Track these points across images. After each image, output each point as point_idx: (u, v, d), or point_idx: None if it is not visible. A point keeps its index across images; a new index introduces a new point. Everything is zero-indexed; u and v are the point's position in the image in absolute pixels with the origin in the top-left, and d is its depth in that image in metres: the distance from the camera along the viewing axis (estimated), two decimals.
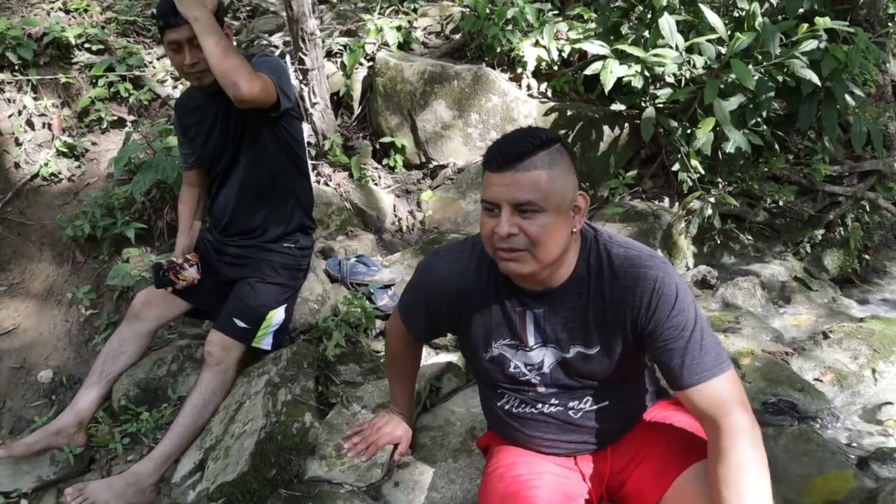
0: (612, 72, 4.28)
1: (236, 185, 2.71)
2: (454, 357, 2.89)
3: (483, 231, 1.50)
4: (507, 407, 1.77)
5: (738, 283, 3.88)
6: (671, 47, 4.19)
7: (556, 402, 1.69)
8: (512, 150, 1.42)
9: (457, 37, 5.24)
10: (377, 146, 4.57)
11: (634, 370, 1.72)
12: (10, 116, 3.92)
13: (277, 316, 2.73)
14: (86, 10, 4.42)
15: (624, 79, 4.30)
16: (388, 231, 4.10)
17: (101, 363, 2.76)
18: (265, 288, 2.68)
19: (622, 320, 1.55)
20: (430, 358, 3.00)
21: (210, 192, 2.85)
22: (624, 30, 4.70)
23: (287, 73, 2.65)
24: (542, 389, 1.69)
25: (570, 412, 1.69)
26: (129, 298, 3.49)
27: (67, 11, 4.39)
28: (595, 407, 1.69)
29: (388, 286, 3.40)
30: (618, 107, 4.64)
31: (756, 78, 3.95)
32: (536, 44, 4.65)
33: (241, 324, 2.61)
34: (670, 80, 4.46)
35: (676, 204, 4.75)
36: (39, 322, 3.46)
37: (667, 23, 4.22)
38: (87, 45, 4.20)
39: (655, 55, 4.03)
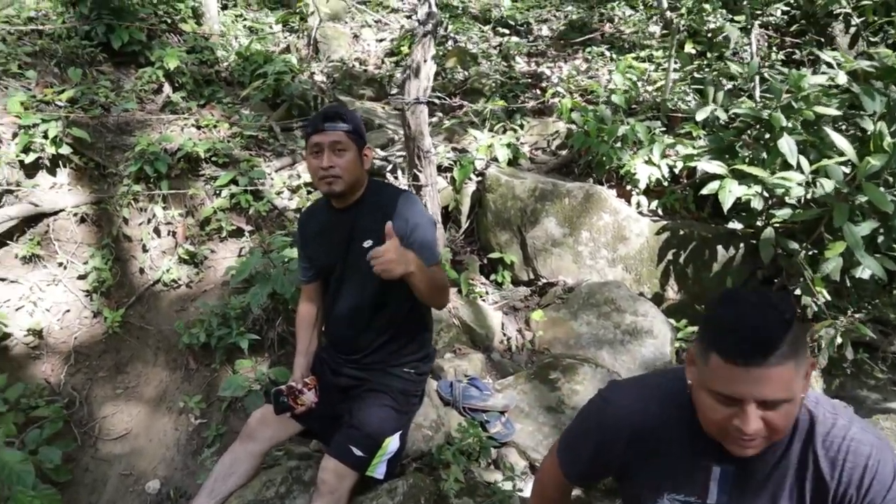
0: (730, 191, 4.16)
1: (358, 304, 2.66)
2: None
3: (715, 418, 1.34)
4: None
5: (878, 423, 3.50)
6: (792, 168, 4.06)
7: None
8: (759, 343, 1.24)
9: (563, 153, 5.26)
10: (484, 261, 4.53)
11: None
12: (140, 224, 4.12)
13: (393, 444, 2.60)
14: (215, 126, 4.70)
15: (743, 198, 4.16)
16: (497, 350, 3.98)
17: (212, 482, 2.69)
18: (383, 415, 2.58)
19: (825, 495, 1.37)
20: None
21: (328, 308, 2.81)
22: (738, 148, 4.61)
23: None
24: None
25: None
26: (238, 409, 3.49)
27: (199, 127, 4.68)
28: None
29: (501, 412, 3.25)
30: (734, 226, 4.48)
31: (892, 201, 3.73)
32: (648, 161, 4.59)
33: (357, 452, 2.50)
34: (790, 200, 4.29)
35: None
36: (150, 428, 3.47)
37: (787, 143, 4.10)
38: (213, 159, 4.41)
39: (782, 178, 3.89)
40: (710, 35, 7.51)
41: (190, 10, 6.48)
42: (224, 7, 7.74)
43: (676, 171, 4.74)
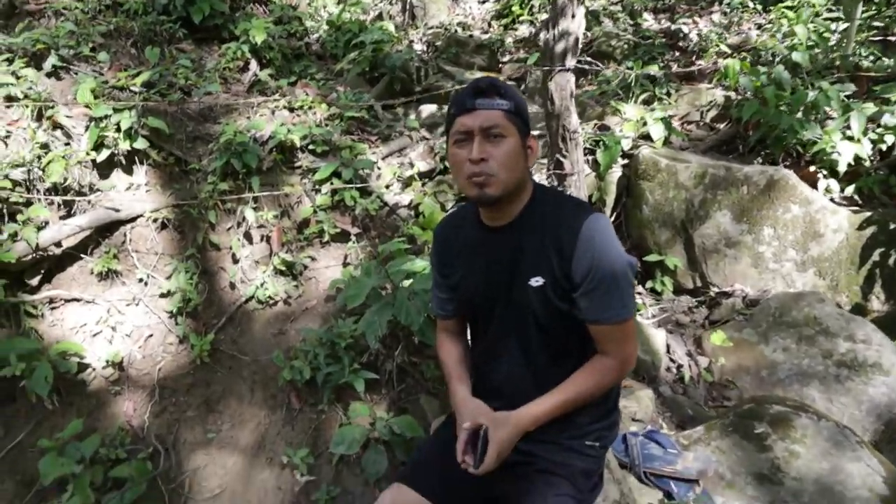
0: None
1: (526, 359, 1.89)
2: None
3: None
4: None
5: None
6: None
7: None
8: None
9: (721, 126, 4.31)
10: (638, 265, 3.68)
11: None
12: (228, 229, 3.49)
13: None
14: (310, 108, 4.00)
15: None
16: (666, 382, 3.16)
17: None
18: None
19: None
20: None
21: (481, 359, 2.05)
22: None
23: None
24: None
25: None
26: (352, 463, 2.82)
27: (291, 109, 4.00)
28: None
29: (695, 480, 2.44)
30: None
31: None
32: (850, 138, 3.60)
33: None
34: None
35: None
36: (248, 486, 2.84)
37: None
38: (310, 147, 3.72)
39: None
40: None
41: None
42: None
43: (884, 147, 3.73)
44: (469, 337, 2.13)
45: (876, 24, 5.22)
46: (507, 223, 1.80)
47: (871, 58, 4.68)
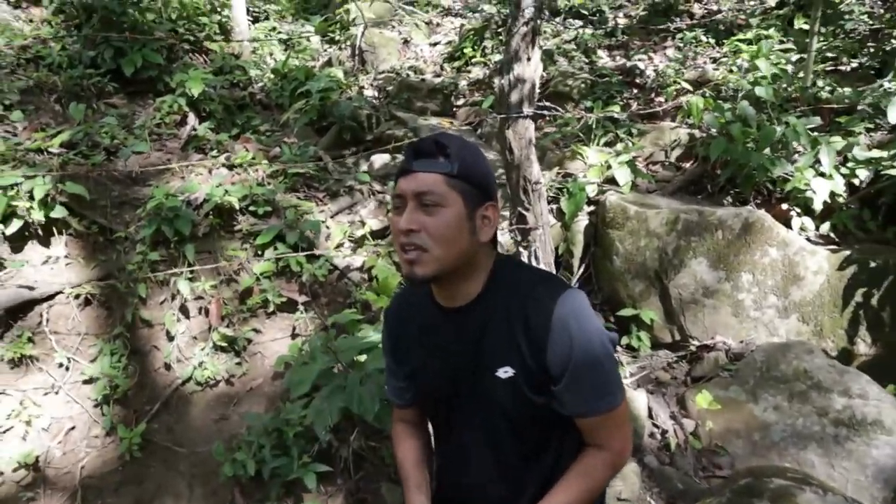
0: None
1: (496, 456, 1.60)
2: None
3: None
4: None
5: None
6: None
7: None
8: None
9: (687, 165, 4.14)
10: (611, 320, 3.43)
11: None
12: (161, 303, 3.14)
13: None
14: (251, 165, 3.70)
15: None
16: (651, 451, 2.88)
17: None
18: None
19: None
20: None
21: (446, 453, 1.75)
22: None
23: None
24: None
25: None
26: None
27: (231, 167, 3.69)
28: None
29: None
30: None
31: None
32: (822, 174, 3.44)
33: None
34: None
35: None
36: None
37: None
38: (251, 208, 3.42)
39: None
40: (825, 7, 6.29)
41: (216, 26, 5.54)
42: (255, 20, 6.82)
43: (856, 182, 3.59)
44: (432, 432, 1.83)
45: (829, 54, 5.17)
46: (466, 304, 1.51)
47: (829, 89, 4.60)
